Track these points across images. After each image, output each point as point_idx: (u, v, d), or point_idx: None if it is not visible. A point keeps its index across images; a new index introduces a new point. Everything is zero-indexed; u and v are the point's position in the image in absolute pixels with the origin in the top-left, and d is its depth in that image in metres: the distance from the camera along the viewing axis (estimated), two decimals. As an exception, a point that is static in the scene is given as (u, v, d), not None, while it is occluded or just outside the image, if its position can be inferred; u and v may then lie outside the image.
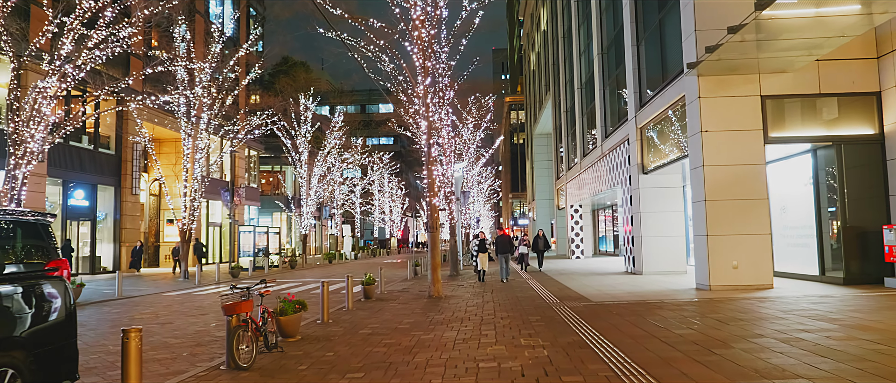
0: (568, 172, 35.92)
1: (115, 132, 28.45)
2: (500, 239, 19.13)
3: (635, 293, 13.46)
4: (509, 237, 19.61)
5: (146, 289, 19.15)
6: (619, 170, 21.96)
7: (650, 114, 17.82)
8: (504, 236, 19.20)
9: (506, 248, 18.81)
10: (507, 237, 19.24)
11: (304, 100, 38.24)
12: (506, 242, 18.94)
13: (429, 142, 14.11)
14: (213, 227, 38.13)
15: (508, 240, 19.11)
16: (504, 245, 18.89)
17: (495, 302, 12.61)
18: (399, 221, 69.55)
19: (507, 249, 18.85)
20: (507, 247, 18.88)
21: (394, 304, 12.99)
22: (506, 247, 18.85)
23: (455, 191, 24.55)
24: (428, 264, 14.57)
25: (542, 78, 48.66)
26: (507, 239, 19.14)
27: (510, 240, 19.29)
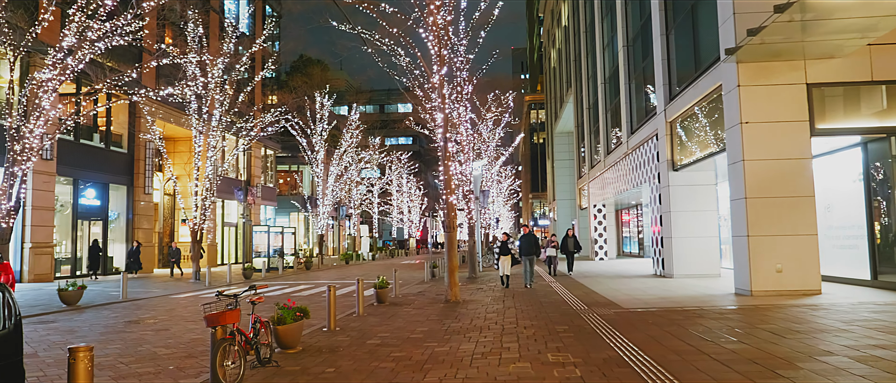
0: (591, 171, 34.80)
1: (128, 130, 27.93)
2: (525, 238, 16.95)
3: (669, 298, 12.41)
4: (535, 236, 17.28)
5: (154, 291, 18.47)
6: (647, 167, 20.86)
7: (681, 107, 16.73)
8: (529, 235, 17.01)
9: (531, 249, 16.74)
10: (533, 236, 17.05)
11: (320, 98, 37.52)
12: (531, 242, 16.79)
13: (445, 135, 13.20)
14: (229, 227, 37.57)
15: (534, 240, 16.92)
16: (529, 245, 16.82)
17: (517, 308, 11.65)
18: (418, 221, 68.74)
19: (533, 250, 16.78)
20: (533, 248, 16.80)
21: (408, 309, 12.10)
22: (531, 247, 16.78)
23: (474, 190, 23.63)
24: (445, 266, 13.66)
25: (564, 75, 47.53)
26: (533, 238, 16.94)
27: (536, 240, 17.07)
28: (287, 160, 52.73)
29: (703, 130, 15.62)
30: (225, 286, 20.55)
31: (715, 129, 14.81)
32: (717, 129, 14.66)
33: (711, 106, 14.92)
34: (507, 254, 16.72)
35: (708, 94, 14.74)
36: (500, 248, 17.06)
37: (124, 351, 8.34)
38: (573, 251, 21.37)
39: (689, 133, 16.79)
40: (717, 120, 14.60)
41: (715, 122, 14.78)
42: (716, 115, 14.67)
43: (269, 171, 44.88)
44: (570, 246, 21.34)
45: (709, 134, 15.27)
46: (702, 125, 15.73)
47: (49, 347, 8.76)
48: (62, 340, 9.36)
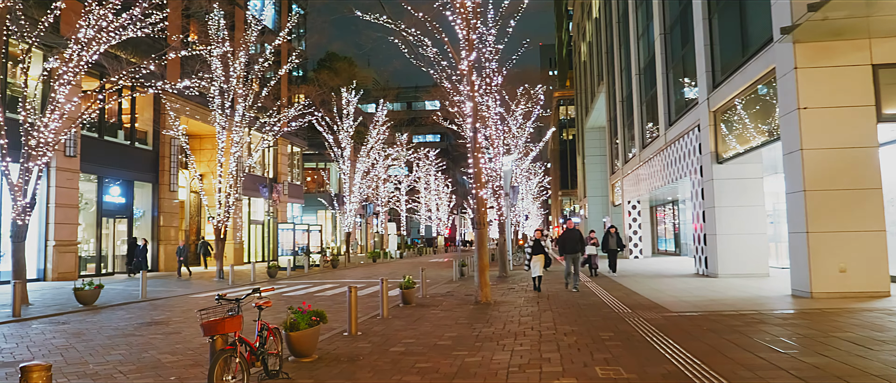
0: (624, 166, 33.61)
1: (153, 127, 27.63)
2: (567, 235, 14.82)
3: (719, 300, 11.39)
4: (580, 232, 14.98)
5: (176, 290, 17.97)
6: (687, 160, 19.74)
7: (727, 94, 15.61)
8: (573, 231, 14.89)
9: (575, 246, 14.56)
10: (577, 232, 14.88)
11: (346, 94, 36.93)
12: (575, 239, 14.63)
13: (474, 126, 12.34)
14: (255, 225, 37.23)
15: (578, 236, 14.71)
16: (572, 242, 14.58)
17: (553, 310, 10.76)
18: (446, 219, 67.97)
19: (577, 247, 14.58)
20: (577, 245, 14.58)
21: (435, 311, 11.29)
22: (575, 244, 14.55)
23: (504, 186, 22.74)
24: (475, 265, 12.83)
25: (595, 68, 46.26)
26: (577, 234, 14.76)
27: (581, 236, 14.80)
28: (314, 157, 52.34)
29: (753, 119, 14.51)
30: (249, 285, 20.00)
31: (766, 117, 13.71)
32: (768, 117, 13.56)
33: (763, 92, 13.82)
34: (540, 253, 14.77)
35: (758, 79, 13.64)
36: (533, 247, 15.23)
37: (127, 358, 7.67)
38: (616, 249, 19.82)
39: (735, 123, 15.68)
40: (769, 107, 13.51)
41: (766, 110, 13.68)
42: (767, 102, 13.58)
43: (295, 169, 44.51)
44: (613, 243, 19.82)
45: (758, 123, 14.17)
46: (750, 113, 14.63)
47: (48, 353, 8.15)
48: (65, 344, 8.75)
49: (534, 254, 14.90)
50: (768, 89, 13.47)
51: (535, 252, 14.88)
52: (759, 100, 14.03)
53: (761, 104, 13.96)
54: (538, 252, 14.83)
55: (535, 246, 15.09)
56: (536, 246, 15.05)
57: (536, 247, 14.97)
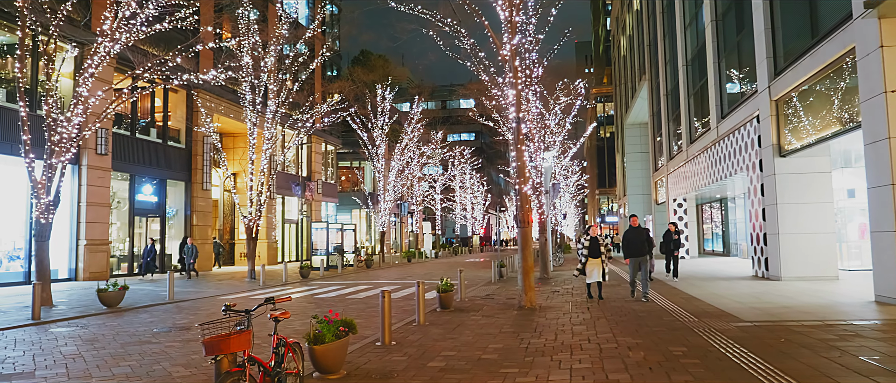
0: (669, 162, 32.14)
1: (186, 125, 27.26)
2: (632, 234, 12.28)
3: (794, 308, 10.18)
4: (646, 230, 12.48)
5: (206, 291, 17.38)
6: (742, 154, 18.41)
7: (793, 81, 14.30)
8: (637, 229, 12.31)
9: (640, 247, 12.17)
10: (643, 230, 12.37)
11: (381, 91, 36.22)
12: (640, 238, 12.20)
13: (518, 115, 11.34)
14: (289, 224, 36.77)
15: (645, 236, 12.27)
16: (638, 242, 12.17)
17: (609, 319, 9.70)
18: (481, 218, 66.95)
19: (644, 249, 12.18)
20: (643, 246, 12.18)
21: (476, 317, 10.33)
22: (641, 245, 12.16)
23: (544, 184, 21.67)
24: (516, 266, 11.84)
25: (636, 62, 44.72)
26: (643, 233, 12.30)
27: (647, 236, 12.33)
28: (348, 156, 51.89)
29: (824, 107, 13.19)
30: (280, 286, 19.34)
31: (842, 104, 12.40)
32: (845, 104, 12.25)
33: (837, 76, 12.52)
34: (598, 255, 12.52)
35: (832, 62, 12.34)
36: (589, 247, 12.67)
37: (136, 370, 6.90)
38: (674, 250, 17.59)
39: (801, 112, 14.34)
40: (845, 92, 12.20)
41: (842, 96, 12.37)
42: (843, 87, 12.27)
43: (329, 167, 44.02)
44: (672, 244, 17.59)
45: (831, 110, 12.85)
46: (821, 101, 13.30)
47: (53, 363, 7.43)
48: (74, 353, 8.05)
49: (591, 255, 12.65)
50: (844, 73, 12.16)
51: (593, 254, 12.64)
52: (833, 85, 12.72)
53: (835, 89, 12.65)
54: (596, 254, 12.63)
55: (593, 246, 12.71)
56: (593, 246, 12.69)
57: (594, 248, 12.68)
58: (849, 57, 11.68)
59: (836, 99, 12.58)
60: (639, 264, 12.25)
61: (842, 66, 12.13)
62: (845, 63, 11.97)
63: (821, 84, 13.19)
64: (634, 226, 12.35)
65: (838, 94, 12.49)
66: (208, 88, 27.85)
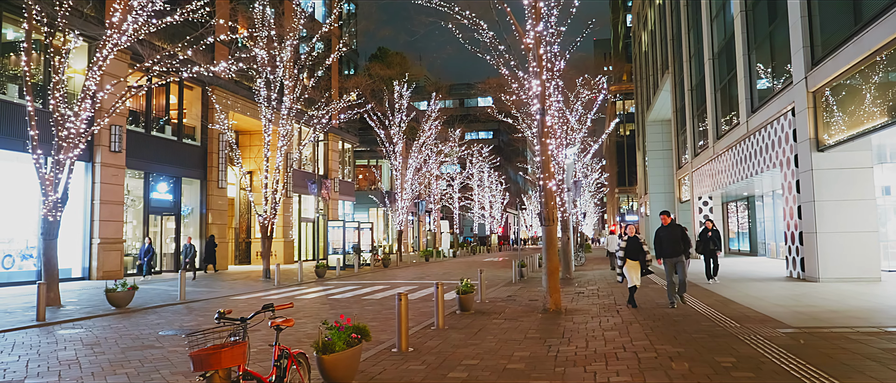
0: (694, 159, 31.24)
1: (201, 122, 26.92)
2: (665, 233, 10.99)
3: (843, 312, 9.44)
4: (681, 228, 11.12)
5: (220, 291, 16.95)
6: (776, 150, 17.58)
7: (832, 71, 13.49)
8: (672, 227, 11.01)
9: (674, 247, 10.87)
10: (678, 228, 11.04)
11: (398, 87, 35.72)
12: (673, 237, 10.91)
13: (543, 106, 10.70)
14: (306, 223, 36.39)
15: (680, 234, 10.98)
16: (672, 241, 10.88)
17: (642, 323, 9.03)
18: (499, 217, 66.23)
19: (678, 248, 10.89)
20: (678, 245, 10.90)
21: (498, 321, 9.72)
22: (674, 244, 10.88)
23: (566, 181, 20.99)
24: (537, 266, 11.21)
25: (658, 57, 43.75)
26: (678, 231, 11.00)
27: (683, 234, 11.03)
28: (366, 154, 51.48)
29: (870, 96, 12.39)
30: (295, 285, 18.88)
31: (889, 94, 11.59)
32: (892, 92, 11.45)
33: (884, 63, 11.72)
34: (637, 257, 10.98)
35: (880, 47, 11.54)
36: (627, 248, 11.09)
37: (132, 379, 6.39)
38: (714, 250, 15.80)
39: (843, 103, 13.53)
40: (893, 80, 11.40)
41: (890, 84, 11.56)
42: (891, 74, 11.48)
43: (347, 166, 43.62)
44: (712, 243, 15.76)
45: (878, 100, 12.05)
46: (866, 90, 12.49)
47: (47, 370, 6.95)
48: (71, 358, 7.57)
49: (628, 257, 11.09)
50: (892, 59, 11.37)
51: (632, 256, 11.04)
52: (880, 72, 11.92)
53: (883, 77, 11.85)
54: (634, 256, 11.01)
55: (632, 245, 11.09)
56: (632, 245, 11.08)
57: (632, 249, 11.06)
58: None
59: (884, 88, 11.77)
60: (674, 266, 10.89)
61: (891, 51, 11.33)
62: (893, 49, 11.18)
63: (865, 72, 12.39)
64: (667, 224, 11.00)
65: (886, 82, 11.69)
66: (224, 85, 27.50)
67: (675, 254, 10.84)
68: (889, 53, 11.37)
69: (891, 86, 11.47)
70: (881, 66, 11.77)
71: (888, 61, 11.46)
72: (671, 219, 11.06)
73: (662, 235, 11.02)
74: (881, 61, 11.72)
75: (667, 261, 10.96)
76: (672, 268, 10.94)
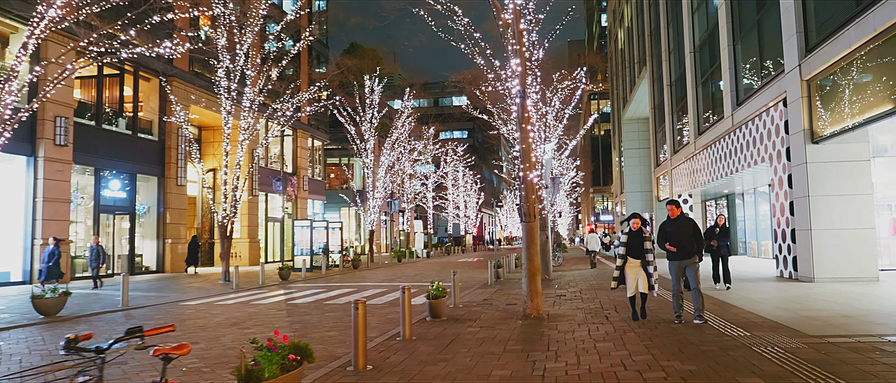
0: (673, 157, 30.49)
1: (159, 116, 25.32)
2: (672, 227, 8.58)
3: (861, 317, 8.45)
4: (692, 223, 8.64)
5: (169, 295, 15.53)
6: (765, 143, 16.72)
7: (829, 57, 12.60)
8: (681, 221, 8.58)
9: (686, 246, 8.45)
10: (689, 222, 8.61)
11: (369, 83, 34.38)
12: (683, 233, 8.49)
13: (523, 88, 9.58)
14: (273, 223, 34.88)
15: (690, 230, 8.53)
16: (682, 237, 8.46)
17: (637, 332, 7.94)
18: (474, 217, 65.17)
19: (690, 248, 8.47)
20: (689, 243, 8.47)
21: (473, 329, 8.57)
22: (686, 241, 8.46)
23: (544, 178, 19.93)
24: (516, 267, 10.08)
25: (635, 54, 43.08)
26: (688, 226, 8.55)
27: (695, 230, 8.58)
28: (337, 152, 50.00)
29: (872, 83, 11.48)
30: (256, 288, 17.53)
31: (891, 79, 10.69)
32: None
33: (886, 48, 10.82)
34: (640, 256, 8.74)
35: (883, 31, 10.64)
36: (628, 244, 8.82)
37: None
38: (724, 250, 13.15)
39: (842, 91, 12.64)
40: (893, 67, 10.51)
41: (892, 70, 10.66)
42: (891, 61, 10.59)
43: (317, 164, 42.16)
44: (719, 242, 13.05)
45: (881, 87, 11.15)
46: (868, 76, 11.59)
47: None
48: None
49: (630, 254, 8.79)
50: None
51: (634, 253, 8.77)
52: (883, 57, 11.02)
53: (886, 63, 10.95)
54: (637, 254, 8.77)
55: (633, 242, 8.77)
56: (634, 242, 8.77)
57: (634, 245, 8.77)
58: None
59: (890, 72, 10.87)
60: (684, 270, 8.51)
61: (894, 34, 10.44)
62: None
63: (867, 56, 11.49)
64: (674, 217, 8.61)
65: (890, 67, 10.79)
66: (183, 77, 25.97)
67: (686, 256, 8.44)
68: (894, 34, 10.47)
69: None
70: (887, 49, 10.85)
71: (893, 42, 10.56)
72: (680, 211, 8.66)
73: (670, 230, 8.58)
74: (887, 44, 10.81)
75: (675, 265, 8.55)
76: (681, 272, 8.53)
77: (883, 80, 11.04)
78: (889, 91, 10.85)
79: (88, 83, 22.76)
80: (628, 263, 8.87)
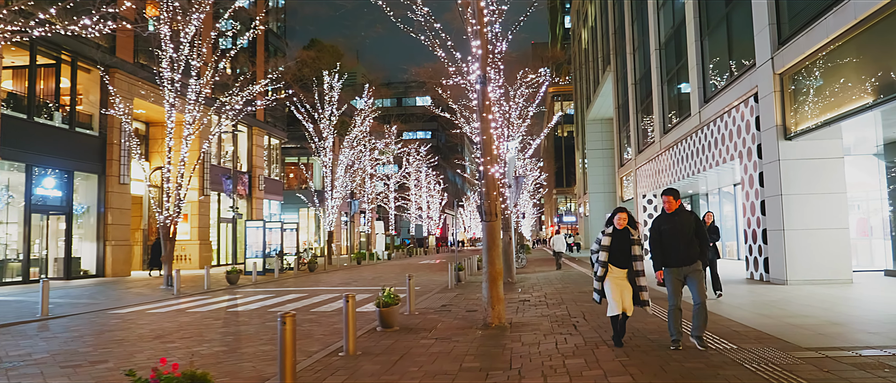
0: (638, 156, 30.04)
1: (100, 109, 23.68)
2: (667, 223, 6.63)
3: (851, 325, 7.76)
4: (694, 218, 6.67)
5: (100, 302, 14.19)
6: (733, 140, 16.17)
7: (806, 48, 12.01)
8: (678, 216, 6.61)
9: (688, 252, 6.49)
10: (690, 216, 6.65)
11: (328, 79, 33.16)
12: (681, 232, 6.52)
13: (484, 72, 8.66)
14: (227, 224, 33.35)
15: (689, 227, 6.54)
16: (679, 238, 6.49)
17: (610, 346, 7.07)
18: (437, 218, 64.21)
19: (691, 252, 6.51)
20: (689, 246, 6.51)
21: (427, 342, 7.62)
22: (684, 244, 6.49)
23: (507, 176, 19.09)
24: (478, 269, 9.15)
25: (600, 53, 42.72)
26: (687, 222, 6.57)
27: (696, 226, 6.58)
28: (296, 151, 48.45)
29: (852, 74, 10.89)
30: (200, 294, 16.27)
31: (876, 69, 10.09)
32: (878, 70, 9.94)
33: (866, 37, 10.23)
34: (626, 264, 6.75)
35: (867, 17, 10.02)
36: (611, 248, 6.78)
37: None
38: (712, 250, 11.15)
39: (816, 86, 12.06)
40: (882, 56, 9.88)
41: (878, 60, 10.05)
42: (872, 51, 9.98)
43: (275, 163, 40.67)
44: None
45: (863, 78, 10.55)
46: (847, 68, 11.00)
47: None
48: None
49: (611, 263, 6.77)
50: (876, 33, 9.88)
51: (617, 261, 6.75)
52: (864, 47, 10.43)
53: (867, 53, 10.35)
54: (623, 262, 6.73)
55: (618, 245, 6.75)
56: (620, 245, 6.75)
57: (618, 251, 6.75)
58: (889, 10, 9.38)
59: (870, 64, 10.27)
60: (684, 280, 6.53)
61: (876, 22, 9.82)
62: (879, 21, 9.66)
63: (847, 47, 10.89)
64: (671, 211, 6.62)
65: (871, 58, 10.19)
66: (126, 68, 24.41)
67: (687, 261, 6.43)
68: (875, 22, 9.85)
69: (880, 60, 9.95)
70: (870, 38, 10.25)
71: (877, 32, 9.95)
72: (679, 203, 6.65)
73: (666, 229, 6.55)
74: (870, 31, 10.20)
75: (671, 273, 6.51)
76: (680, 284, 6.51)
77: (864, 72, 10.44)
78: (869, 83, 10.25)
79: (20, 73, 21.11)
80: (611, 273, 6.72)
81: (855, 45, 10.62)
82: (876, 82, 10.06)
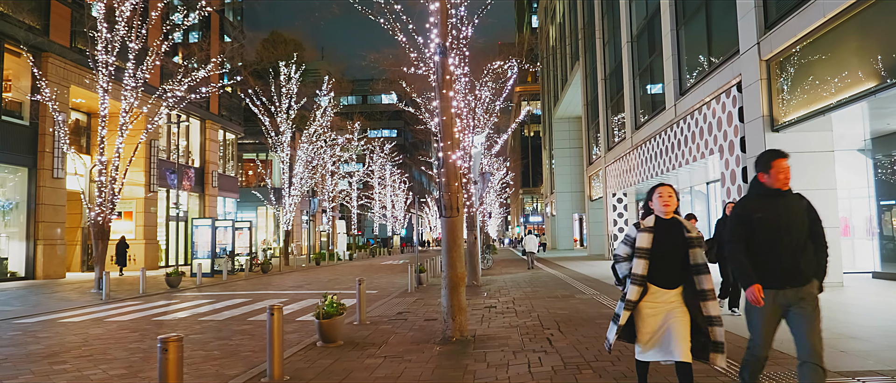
0: (607, 154, 29.12)
1: (31, 98, 21.68)
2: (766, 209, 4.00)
3: (869, 339, 6.69)
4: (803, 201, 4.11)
5: (12, 308, 12.47)
6: (713, 134, 15.18)
7: (797, 31, 10.98)
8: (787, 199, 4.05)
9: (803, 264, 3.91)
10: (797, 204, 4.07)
11: (286, 70, 31.52)
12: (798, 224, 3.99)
13: (443, 40, 7.35)
14: (176, 222, 31.39)
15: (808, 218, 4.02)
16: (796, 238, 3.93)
17: (595, 368, 5.84)
18: (402, 218, 62.70)
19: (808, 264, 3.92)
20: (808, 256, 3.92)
21: (374, 361, 6.28)
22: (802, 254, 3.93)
23: (472, 172, 17.83)
24: (440, 271, 7.84)
25: (568, 50, 41.83)
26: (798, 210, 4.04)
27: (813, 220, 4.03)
28: (253, 147, 46.51)
29: (848, 59, 9.87)
30: (133, 298, 14.63)
31: (879, 51, 9.07)
32: (882, 51, 8.92)
33: (868, 15, 9.21)
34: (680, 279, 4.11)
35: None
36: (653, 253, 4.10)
37: None
38: None
39: (807, 71, 11.05)
40: (882, 37, 8.87)
41: (879, 41, 9.03)
42: (873, 32, 8.96)
43: (230, 159, 38.78)
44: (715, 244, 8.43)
45: (859, 63, 9.54)
46: (846, 51, 9.98)
47: None
48: None
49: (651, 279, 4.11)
50: (872, 12, 8.87)
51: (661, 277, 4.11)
52: (865, 27, 9.41)
53: (869, 34, 9.33)
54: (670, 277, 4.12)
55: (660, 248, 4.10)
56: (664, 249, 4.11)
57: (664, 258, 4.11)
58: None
59: (870, 47, 9.26)
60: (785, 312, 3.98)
61: (871, 3, 8.81)
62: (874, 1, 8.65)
63: (844, 28, 9.87)
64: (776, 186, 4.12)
65: (872, 39, 9.18)
66: (62, 54, 22.48)
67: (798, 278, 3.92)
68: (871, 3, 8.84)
69: (883, 40, 8.93)
70: (873, 15, 9.23)
71: (881, 9, 8.93)
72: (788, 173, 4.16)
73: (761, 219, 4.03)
74: (873, 8, 9.18)
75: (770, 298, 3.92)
76: (776, 319, 4.02)
77: (866, 54, 9.42)
78: (871, 66, 9.23)
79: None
80: (652, 297, 4.09)
81: (855, 24, 9.60)
82: (879, 65, 9.04)
